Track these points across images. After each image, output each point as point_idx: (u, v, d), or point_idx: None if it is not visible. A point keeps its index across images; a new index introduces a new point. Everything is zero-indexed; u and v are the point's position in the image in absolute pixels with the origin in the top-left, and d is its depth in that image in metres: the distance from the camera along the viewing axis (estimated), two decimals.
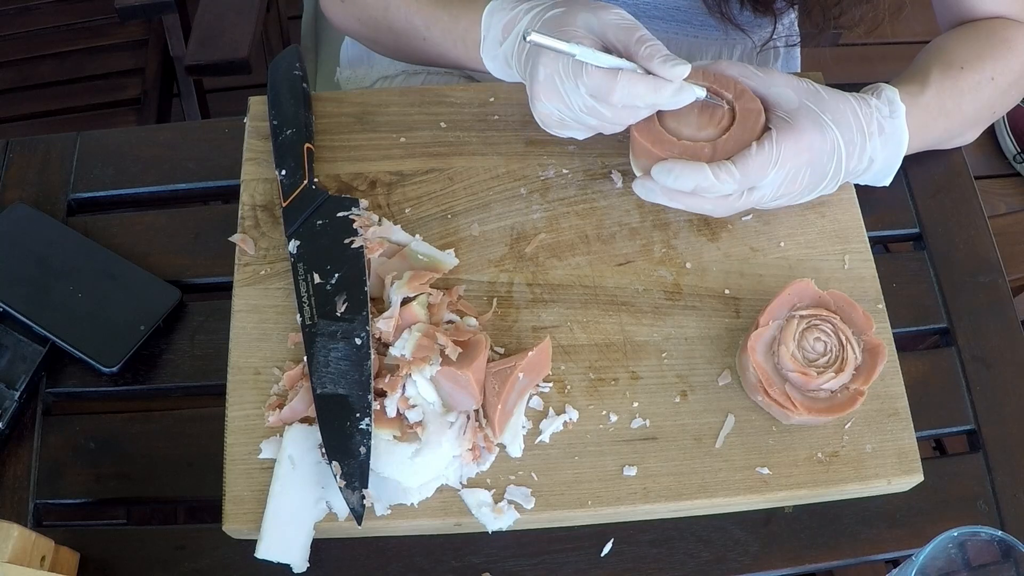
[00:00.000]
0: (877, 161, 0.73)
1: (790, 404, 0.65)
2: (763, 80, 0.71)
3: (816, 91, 0.70)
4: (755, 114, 0.69)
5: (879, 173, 0.75)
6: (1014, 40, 0.79)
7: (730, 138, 0.69)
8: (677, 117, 0.70)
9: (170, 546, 0.67)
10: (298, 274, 0.71)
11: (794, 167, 0.68)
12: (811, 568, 0.68)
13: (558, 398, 0.69)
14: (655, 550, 0.67)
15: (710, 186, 0.66)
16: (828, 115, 0.69)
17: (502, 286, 0.73)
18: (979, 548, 0.58)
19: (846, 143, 0.69)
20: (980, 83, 0.77)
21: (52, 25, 1.41)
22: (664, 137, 0.69)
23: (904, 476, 0.67)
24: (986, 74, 0.77)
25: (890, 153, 0.73)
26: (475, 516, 0.65)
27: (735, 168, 0.66)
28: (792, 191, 0.70)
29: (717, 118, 0.69)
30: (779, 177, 0.68)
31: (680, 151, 0.68)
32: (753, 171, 0.67)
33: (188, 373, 0.73)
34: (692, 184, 0.67)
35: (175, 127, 0.92)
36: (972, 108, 0.78)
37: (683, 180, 0.67)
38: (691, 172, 0.66)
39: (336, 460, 0.63)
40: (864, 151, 0.71)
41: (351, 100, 0.81)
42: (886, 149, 0.73)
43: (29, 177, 0.81)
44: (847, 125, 0.69)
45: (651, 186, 0.69)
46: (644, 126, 0.70)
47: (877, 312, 0.72)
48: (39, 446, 0.70)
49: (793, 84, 0.71)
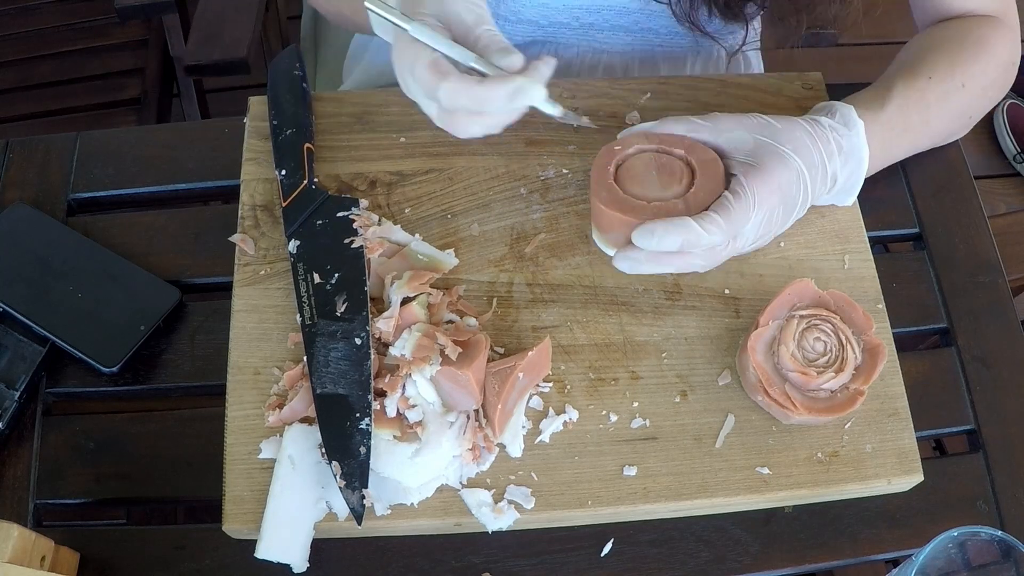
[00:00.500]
0: (840, 180, 0.71)
1: (790, 404, 0.65)
2: (711, 128, 0.70)
3: (767, 123, 0.69)
4: (714, 163, 0.69)
5: (841, 192, 0.73)
6: (989, 39, 0.77)
7: (698, 190, 0.67)
8: (637, 182, 0.68)
9: (170, 546, 0.67)
10: (298, 274, 0.71)
11: (769, 207, 0.67)
12: (811, 568, 0.68)
13: (558, 398, 0.69)
14: (655, 550, 0.67)
15: (697, 239, 0.63)
16: (786, 146, 0.67)
17: (502, 286, 0.73)
18: (979, 548, 0.58)
19: (808, 168, 0.68)
20: (948, 92, 0.75)
21: (52, 25, 1.41)
22: (632, 203, 0.67)
23: (904, 476, 0.67)
24: (955, 82, 0.75)
25: (851, 171, 0.72)
26: (475, 516, 0.65)
27: (718, 216, 0.64)
28: (769, 231, 0.69)
29: (677, 176, 0.68)
30: (758, 219, 0.67)
31: (653, 213, 0.66)
32: (736, 218, 0.65)
33: (188, 373, 0.73)
34: (679, 242, 0.64)
35: (175, 127, 0.92)
36: (940, 120, 0.76)
37: (668, 239, 0.63)
38: (675, 229, 0.63)
39: (336, 460, 0.63)
40: (826, 173, 0.70)
41: (351, 100, 0.81)
42: (847, 167, 0.71)
43: (29, 177, 0.81)
44: (806, 150, 0.68)
45: (635, 255, 0.66)
46: (607, 196, 0.67)
47: (877, 312, 0.72)
48: (39, 446, 0.70)
49: (743, 123, 0.69)
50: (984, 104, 0.80)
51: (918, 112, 0.75)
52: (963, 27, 0.79)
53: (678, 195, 0.67)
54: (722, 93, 0.82)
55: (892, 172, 0.83)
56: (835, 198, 0.75)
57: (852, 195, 0.74)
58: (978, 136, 0.85)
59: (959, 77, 0.76)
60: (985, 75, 0.77)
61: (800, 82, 0.83)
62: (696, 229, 0.64)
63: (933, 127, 0.77)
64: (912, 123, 0.75)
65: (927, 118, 0.76)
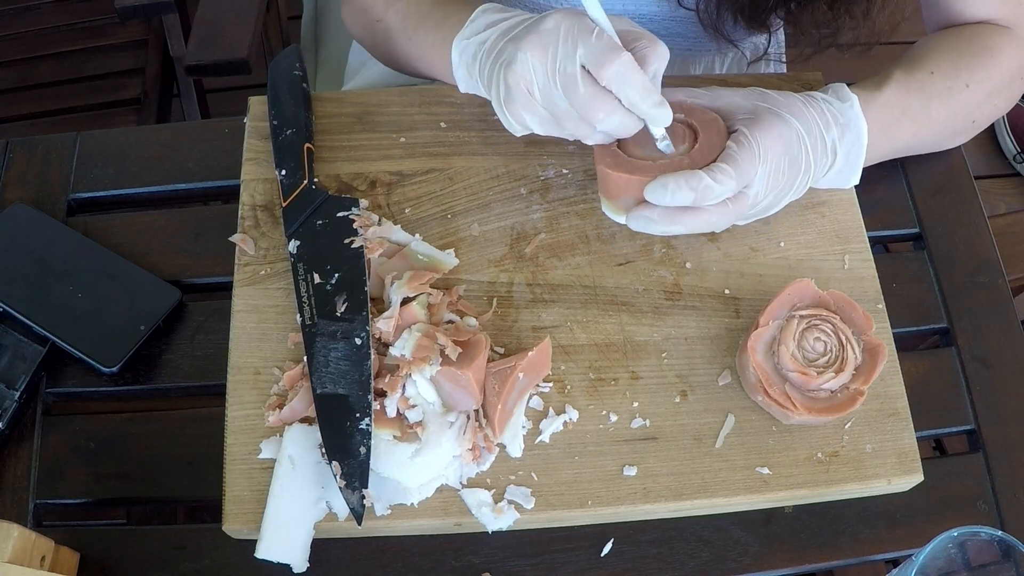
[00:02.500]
0: (840, 154, 0.72)
1: (790, 404, 0.65)
2: (710, 96, 0.71)
3: (763, 92, 0.71)
4: (715, 122, 0.69)
5: (843, 171, 0.73)
6: (998, 47, 0.77)
7: (703, 147, 0.67)
8: (640, 145, 0.68)
9: (170, 546, 0.67)
10: (298, 274, 0.71)
11: (775, 157, 0.67)
12: (811, 568, 0.68)
13: (558, 398, 0.69)
14: (655, 550, 0.67)
15: (708, 190, 0.64)
16: (783, 110, 0.69)
17: (502, 286, 0.73)
18: (979, 548, 0.58)
19: (807, 132, 0.69)
20: (952, 89, 0.76)
21: (52, 25, 1.41)
22: (640, 164, 0.67)
23: (904, 476, 0.67)
24: (960, 81, 0.76)
25: (851, 144, 0.72)
26: (475, 516, 0.65)
27: (727, 166, 0.65)
28: (778, 186, 0.69)
29: (680, 137, 0.68)
30: (766, 171, 0.67)
31: (661, 170, 0.66)
32: (744, 166, 0.65)
33: (188, 373, 0.73)
34: (691, 195, 0.64)
35: (175, 127, 0.92)
36: (943, 114, 0.76)
37: (681, 193, 0.64)
38: (687, 180, 0.64)
39: (336, 460, 0.63)
40: (825, 144, 0.70)
41: (351, 100, 0.81)
42: (845, 140, 0.71)
43: (29, 177, 0.81)
44: (803, 116, 0.69)
45: (649, 213, 0.66)
46: (612, 160, 0.67)
47: (877, 312, 0.72)
48: (39, 446, 0.70)
49: (740, 93, 0.71)
50: (989, 110, 0.79)
51: (919, 100, 0.75)
52: (973, 33, 0.79)
53: (682, 154, 0.67)
54: None
55: (892, 172, 0.83)
56: (837, 178, 0.74)
57: (854, 175, 0.74)
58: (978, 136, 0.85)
59: (963, 77, 0.76)
60: (990, 80, 0.77)
61: (799, 81, 0.83)
62: (707, 180, 0.64)
63: (935, 120, 0.77)
64: (912, 109, 0.75)
65: (928, 108, 0.76)
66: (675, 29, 0.94)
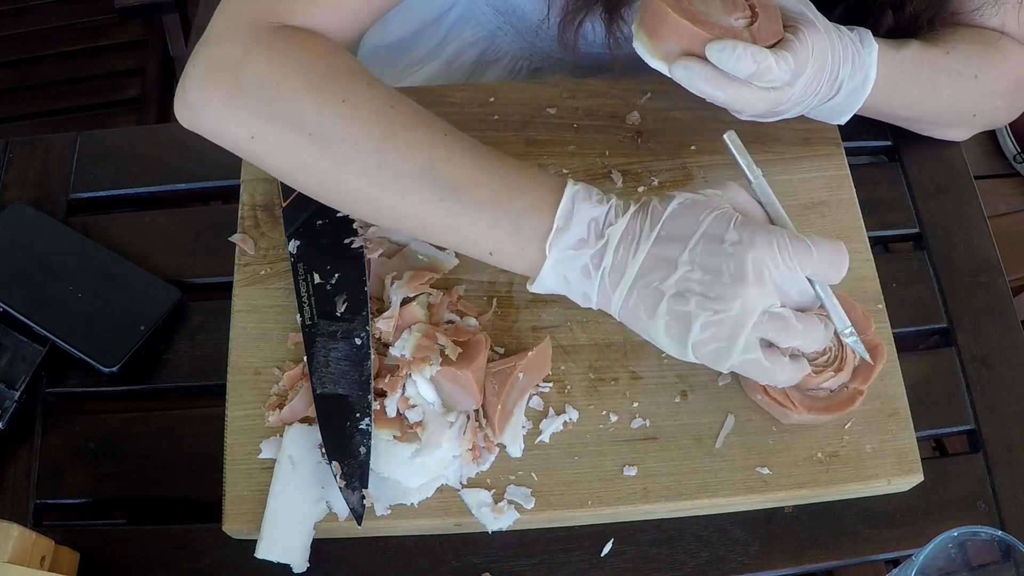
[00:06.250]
0: (843, 90, 0.71)
1: (789, 403, 0.65)
2: None
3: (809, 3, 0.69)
4: (772, 7, 0.67)
5: (840, 105, 0.73)
6: (1008, 51, 0.78)
7: (762, 27, 0.65)
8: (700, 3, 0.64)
9: (170, 546, 0.67)
10: (298, 274, 0.71)
11: (817, 64, 0.67)
12: (811, 568, 0.68)
13: (558, 398, 0.69)
14: (655, 550, 0.67)
15: (768, 70, 0.63)
16: (821, 23, 0.68)
17: (502, 286, 0.73)
18: (979, 548, 0.58)
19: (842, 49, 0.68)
20: (961, 74, 0.76)
21: (52, 25, 1.41)
22: (703, 17, 0.64)
23: (904, 476, 0.67)
24: (970, 69, 0.76)
25: (855, 87, 0.72)
26: (475, 516, 0.65)
27: (790, 55, 0.64)
28: (808, 94, 0.68)
29: (740, 7, 0.66)
30: (808, 75, 0.66)
31: (723, 33, 0.63)
32: (800, 60, 0.65)
33: (188, 373, 0.73)
34: (753, 68, 0.63)
35: (175, 127, 0.92)
36: (947, 93, 0.77)
37: (744, 63, 0.62)
38: (753, 54, 0.62)
39: (336, 460, 0.63)
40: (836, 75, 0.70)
41: None
42: (853, 80, 0.71)
43: (29, 177, 0.81)
44: (834, 42, 0.68)
45: (698, 69, 0.63)
46: (674, 3, 0.63)
47: (877, 312, 0.72)
48: (39, 446, 0.70)
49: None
50: (991, 109, 0.80)
51: (928, 73, 0.75)
52: (986, 34, 0.79)
53: (743, 26, 0.65)
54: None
55: (892, 172, 0.83)
56: (831, 113, 0.74)
57: (847, 113, 0.74)
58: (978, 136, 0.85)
59: (974, 66, 0.76)
60: (997, 80, 0.77)
61: None
62: (771, 60, 0.63)
63: (939, 95, 0.77)
64: (921, 79, 0.75)
65: (936, 83, 0.76)
66: None
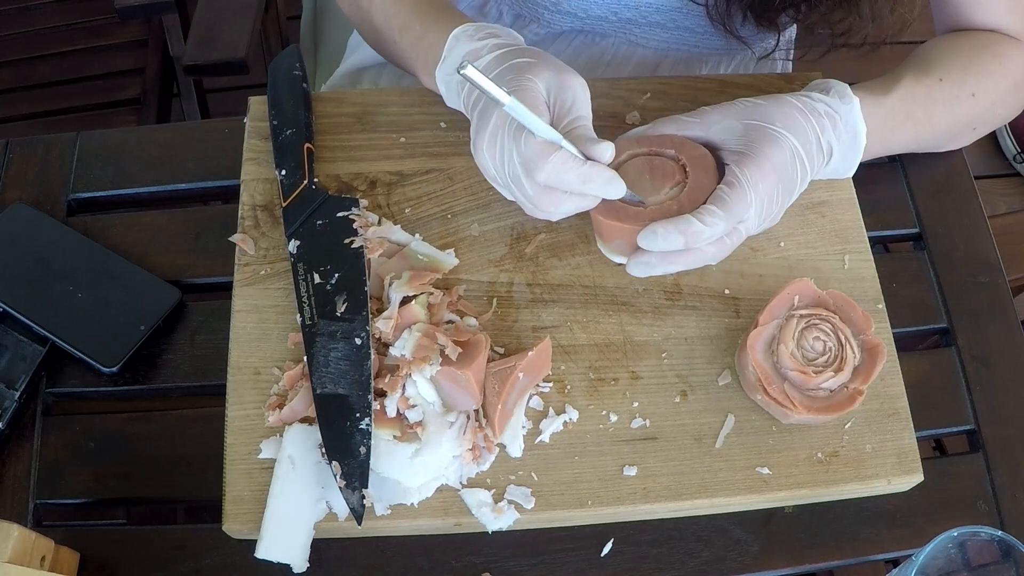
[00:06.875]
0: (836, 153, 0.71)
1: (789, 403, 0.65)
2: (700, 123, 0.70)
3: (755, 104, 0.69)
4: (703, 158, 0.69)
5: (840, 167, 0.73)
6: (1007, 55, 0.78)
7: (691, 188, 0.67)
8: (632, 187, 0.67)
9: (170, 546, 0.67)
10: (298, 274, 0.71)
11: (766, 191, 0.67)
12: (811, 568, 0.68)
13: (558, 398, 0.69)
14: (655, 550, 0.67)
15: (699, 233, 0.64)
16: (776, 124, 0.68)
17: (502, 286, 0.73)
18: (979, 548, 0.58)
19: (803, 144, 0.68)
20: (959, 98, 0.76)
21: (52, 25, 1.41)
22: (629, 210, 0.67)
23: (904, 476, 0.67)
24: (966, 89, 0.76)
25: (848, 145, 0.72)
26: (475, 516, 0.65)
27: (716, 208, 0.65)
28: (772, 212, 0.69)
29: (670, 176, 0.68)
30: (759, 204, 0.67)
31: (651, 216, 0.66)
32: (734, 207, 0.65)
33: (188, 373, 0.73)
34: (682, 239, 0.64)
35: (175, 127, 0.92)
36: (945, 121, 0.77)
37: (671, 238, 0.64)
38: (676, 226, 0.64)
39: (336, 460, 0.63)
40: (821, 146, 0.70)
41: (351, 100, 0.81)
42: (843, 141, 0.71)
43: (29, 177, 0.81)
44: (798, 126, 0.68)
45: (646, 260, 0.67)
46: (603, 208, 0.67)
47: (877, 312, 0.72)
48: (39, 446, 0.70)
49: (730, 111, 0.70)
50: (991, 118, 0.79)
51: (923, 107, 0.75)
52: (983, 38, 0.79)
53: (672, 196, 0.68)
54: (722, 93, 0.82)
55: (892, 172, 0.83)
56: (833, 172, 0.74)
57: (850, 169, 0.74)
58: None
59: (970, 85, 0.76)
60: (996, 90, 0.77)
61: (799, 82, 0.83)
62: (696, 224, 0.64)
63: (937, 127, 0.77)
64: (916, 116, 0.75)
65: (932, 116, 0.76)
66: (683, 22, 0.94)
